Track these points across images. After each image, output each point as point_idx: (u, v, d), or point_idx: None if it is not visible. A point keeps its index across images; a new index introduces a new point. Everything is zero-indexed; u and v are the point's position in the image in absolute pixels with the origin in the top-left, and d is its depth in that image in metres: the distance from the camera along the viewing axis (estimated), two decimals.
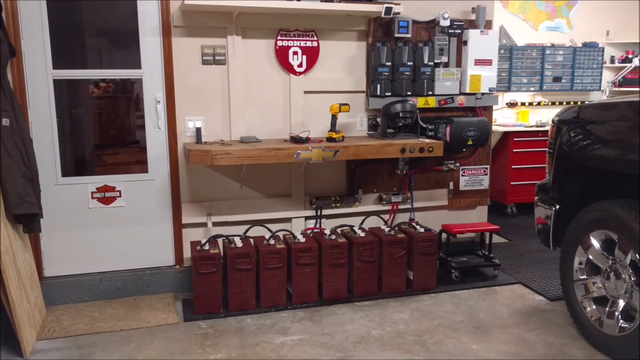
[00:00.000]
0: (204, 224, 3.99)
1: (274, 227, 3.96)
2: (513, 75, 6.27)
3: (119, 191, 3.85)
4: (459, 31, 4.21)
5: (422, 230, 4.07)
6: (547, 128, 4.46)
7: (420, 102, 4.20)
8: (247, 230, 3.92)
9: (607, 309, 3.07)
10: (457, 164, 4.49)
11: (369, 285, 3.91)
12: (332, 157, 3.68)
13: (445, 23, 4.13)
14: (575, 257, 3.30)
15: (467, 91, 4.26)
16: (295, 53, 4.00)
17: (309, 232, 4.09)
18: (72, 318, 3.59)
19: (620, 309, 2.99)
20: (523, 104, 6.60)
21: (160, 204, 3.93)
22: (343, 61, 4.14)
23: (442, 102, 4.27)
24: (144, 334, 3.37)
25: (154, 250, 3.97)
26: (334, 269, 3.79)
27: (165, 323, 3.51)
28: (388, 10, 3.86)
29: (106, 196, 3.83)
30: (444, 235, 4.40)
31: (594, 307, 3.19)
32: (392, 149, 3.84)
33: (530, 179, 5.78)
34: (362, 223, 4.20)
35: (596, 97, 6.74)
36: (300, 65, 4.03)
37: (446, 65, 4.26)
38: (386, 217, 4.34)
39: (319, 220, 4.21)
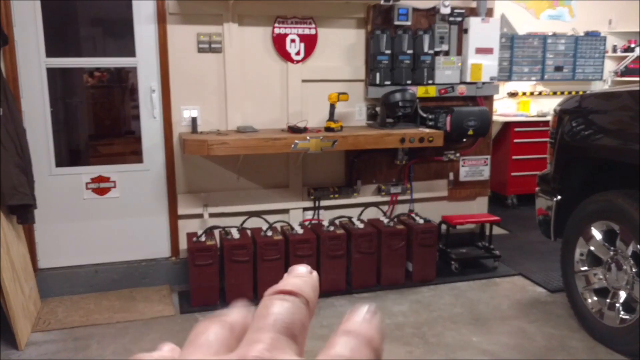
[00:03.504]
0: (200, 215, 3.95)
1: (271, 218, 3.92)
2: (514, 64, 6.20)
3: (114, 182, 3.80)
4: (460, 19, 4.14)
5: (421, 221, 4.02)
6: (548, 118, 4.41)
7: (420, 91, 4.14)
8: (244, 222, 3.87)
9: (608, 300, 3.05)
10: (457, 154, 4.44)
11: (368, 277, 3.88)
12: (331, 147, 3.63)
13: (445, 11, 4.06)
14: (577, 249, 3.26)
15: (468, 80, 4.20)
16: (292, 41, 3.94)
17: (306, 223, 4.05)
18: (67, 310, 3.55)
19: (621, 301, 2.96)
20: (524, 93, 6.54)
21: (156, 194, 3.89)
22: (342, 49, 4.08)
23: (443, 91, 4.21)
24: (139, 326, 3.34)
25: (149, 241, 3.93)
26: (332, 261, 3.75)
27: (161, 315, 3.48)
28: None
29: (101, 187, 3.78)
30: (443, 227, 4.36)
31: (595, 298, 3.16)
32: (392, 139, 3.79)
33: (531, 170, 5.72)
34: (360, 214, 4.15)
35: (598, 87, 6.68)
36: (298, 54, 3.96)
37: (446, 53, 4.19)
38: (385, 208, 4.29)
39: (317, 211, 4.17)
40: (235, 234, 3.70)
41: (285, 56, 3.95)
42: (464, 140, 4.39)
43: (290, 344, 0.27)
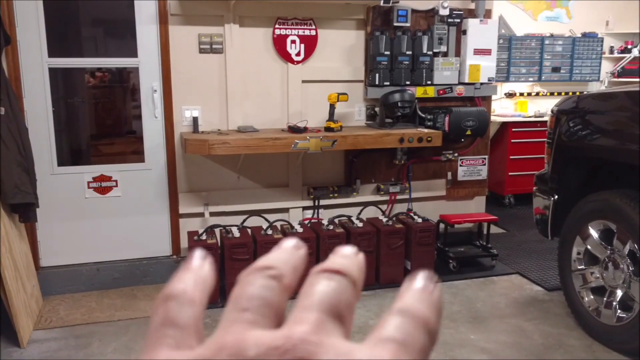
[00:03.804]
0: (201, 214, 3.97)
1: (271, 217, 3.95)
2: (512, 65, 6.24)
3: (116, 181, 3.83)
4: (458, 20, 4.17)
5: (420, 220, 4.05)
6: (546, 118, 4.44)
7: (419, 91, 4.17)
8: (244, 221, 3.90)
9: (604, 299, 3.08)
10: (456, 154, 4.47)
11: (367, 276, 3.77)
12: (330, 147, 3.66)
13: (444, 12, 4.09)
14: (574, 247, 3.29)
15: (466, 81, 4.23)
16: (293, 42, 3.97)
17: (306, 222, 4.08)
18: (68, 308, 3.57)
19: (618, 299, 2.99)
20: (522, 94, 6.58)
21: (157, 193, 3.91)
22: (341, 50, 4.11)
23: (441, 91, 4.24)
24: (141, 324, 3.36)
25: (150, 240, 3.96)
26: None
27: None
28: None
29: (102, 186, 3.81)
30: (441, 226, 4.38)
31: (592, 297, 3.19)
32: (391, 139, 3.82)
33: (528, 170, 5.76)
34: (359, 213, 4.18)
35: (595, 88, 6.71)
36: (298, 54, 3.99)
37: (445, 54, 4.23)
38: (384, 207, 4.32)
39: (316, 210, 4.20)
40: (236, 233, 3.73)
41: (286, 57, 3.98)
42: (462, 140, 4.43)
43: (336, 325, 0.26)
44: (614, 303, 3.00)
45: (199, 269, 0.30)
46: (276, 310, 0.27)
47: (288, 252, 0.30)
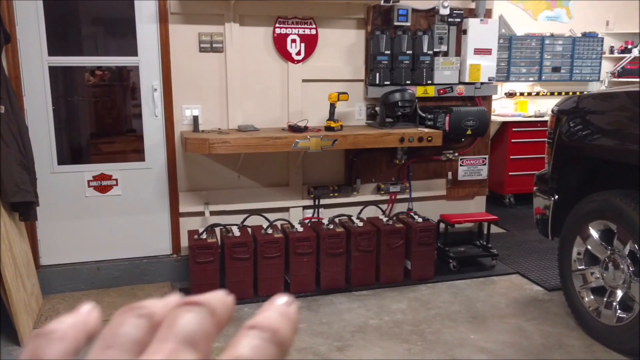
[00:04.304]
0: (202, 213, 3.97)
1: (271, 216, 3.95)
2: (512, 65, 6.23)
3: (116, 180, 3.82)
4: (459, 20, 4.16)
5: (420, 220, 4.05)
6: (546, 118, 4.44)
7: (419, 91, 4.17)
8: (244, 220, 3.90)
9: (605, 299, 3.08)
10: (456, 154, 4.47)
11: (367, 275, 3.91)
12: (331, 146, 3.66)
13: (445, 11, 4.09)
14: (574, 248, 3.30)
15: (467, 80, 4.23)
16: (293, 41, 3.96)
17: (306, 221, 4.08)
18: (69, 307, 3.57)
19: (618, 299, 3.00)
20: (522, 94, 6.58)
21: (157, 192, 3.91)
22: (342, 49, 4.11)
23: (441, 91, 4.24)
24: None
25: (151, 239, 3.95)
26: (331, 259, 3.78)
27: None
28: None
29: (102, 185, 3.81)
30: (442, 225, 4.39)
31: (592, 297, 3.19)
32: (391, 139, 3.82)
33: (528, 170, 5.76)
34: (360, 213, 4.18)
35: (595, 88, 6.71)
36: (298, 54, 3.99)
37: (445, 54, 4.23)
38: (384, 207, 4.32)
39: (316, 209, 4.20)
40: (236, 232, 3.73)
41: (286, 56, 3.98)
42: (463, 140, 4.43)
43: (190, 353, 0.27)
44: (614, 303, 3.00)
45: (82, 312, 0.31)
46: (143, 347, 0.28)
47: (166, 300, 0.31)
